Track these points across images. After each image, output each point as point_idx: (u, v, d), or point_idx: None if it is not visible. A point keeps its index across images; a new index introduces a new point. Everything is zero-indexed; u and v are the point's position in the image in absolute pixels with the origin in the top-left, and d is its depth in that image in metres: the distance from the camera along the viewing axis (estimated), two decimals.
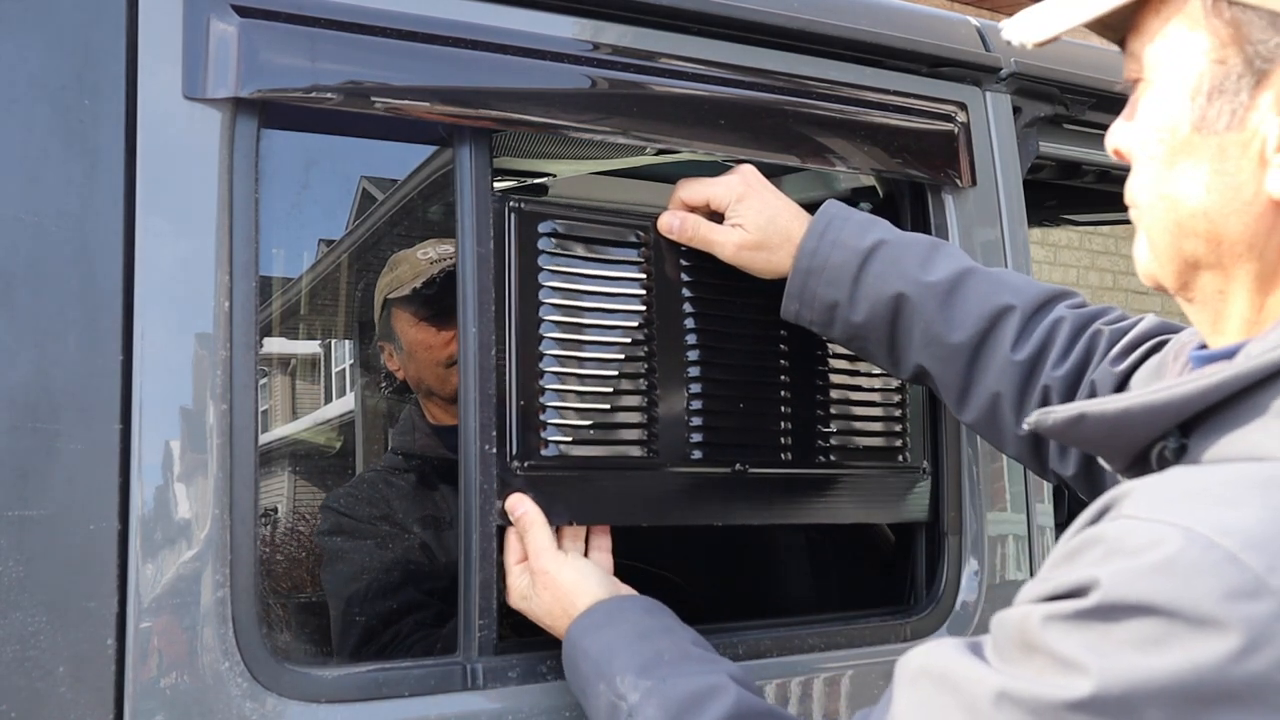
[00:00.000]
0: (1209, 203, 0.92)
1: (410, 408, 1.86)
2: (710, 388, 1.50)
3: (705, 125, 1.49)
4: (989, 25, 1.79)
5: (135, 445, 1.15)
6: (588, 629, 1.31)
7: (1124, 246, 8.74)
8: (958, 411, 1.46)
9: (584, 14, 1.43)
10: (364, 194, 1.77)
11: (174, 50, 1.20)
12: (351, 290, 1.89)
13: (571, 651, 1.31)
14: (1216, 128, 0.90)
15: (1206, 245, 0.93)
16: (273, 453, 1.79)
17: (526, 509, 1.36)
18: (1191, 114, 0.92)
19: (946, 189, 1.68)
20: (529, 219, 1.40)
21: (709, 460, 1.49)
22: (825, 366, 1.60)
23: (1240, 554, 0.74)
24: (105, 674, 1.12)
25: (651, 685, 1.22)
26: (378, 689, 1.27)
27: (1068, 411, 0.94)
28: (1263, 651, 0.73)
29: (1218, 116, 0.90)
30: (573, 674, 1.31)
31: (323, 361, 1.95)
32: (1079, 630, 0.77)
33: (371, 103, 1.29)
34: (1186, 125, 0.93)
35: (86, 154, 1.15)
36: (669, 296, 1.49)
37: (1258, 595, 0.73)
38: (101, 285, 1.15)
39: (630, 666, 1.25)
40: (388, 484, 1.81)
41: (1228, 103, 0.89)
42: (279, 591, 1.72)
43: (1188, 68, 0.92)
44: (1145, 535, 0.77)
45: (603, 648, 1.28)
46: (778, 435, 1.54)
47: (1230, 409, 0.87)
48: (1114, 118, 1.09)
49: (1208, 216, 0.92)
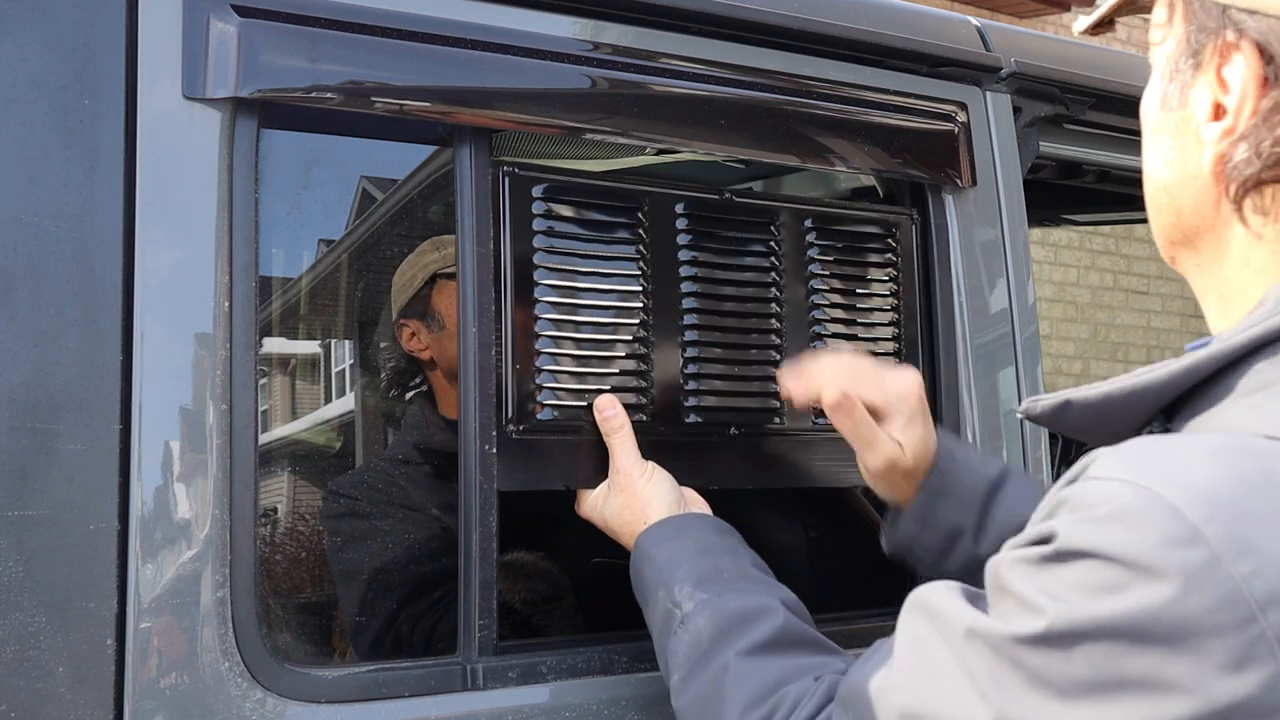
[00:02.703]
0: (1168, 177, 0.96)
1: (420, 403, 1.86)
2: (705, 351, 1.51)
3: (705, 125, 1.49)
4: (989, 25, 1.79)
5: (135, 445, 1.15)
6: (657, 539, 1.35)
7: (1124, 246, 8.74)
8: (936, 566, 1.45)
9: (584, 14, 1.43)
10: (364, 194, 1.77)
11: (174, 50, 1.20)
12: (351, 290, 1.89)
13: (639, 558, 1.35)
14: (1172, 105, 0.95)
15: (1172, 219, 0.97)
16: (273, 453, 1.79)
17: (617, 411, 1.40)
18: (1160, 92, 0.97)
19: (946, 189, 1.68)
20: (522, 183, 1.40)
21: (703, 423, 1.50)
22: (821, 330, 1.61)
23: (1181, 506, 0.79)
24: (105, 674, 1.12)
25: (707, 598, 1.26)
26: (378, 689, 1.27)
27: (1054, 399, 0.98)
28: (1193, 597, 0.77)
29: (1173, 94, 0.95)
30: (637, 580, 1.35)
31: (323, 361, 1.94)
32: (1037, 574, 0.84)
33: (371, 103, 1.29)
34: (1157, 103, 0.97)
35: (86, 154, 1.15)
36: (663, 260, 1.49)
37: (1193, 543, 0.77)
38: (101, 285, 1.15)
39: (689, 578, 1.29)
40: (398, 473, 1.81)
41: (1178, 81, 0.94)
42: (279, 591, 1.72)
43: (1163, 50, 0.97)
44: (1102, 491, 0.83)
45: (667, 557, 1.32)
46: (772, 398, 1.55)
47: (1206, 391, 0.91)
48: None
49: (1168, 191, 0.96)
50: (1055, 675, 0.82)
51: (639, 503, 1.39)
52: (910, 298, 1.67)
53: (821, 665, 1.20)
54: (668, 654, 1.27)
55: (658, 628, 1.30)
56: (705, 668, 1.22)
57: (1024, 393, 1.71)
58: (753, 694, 1.18)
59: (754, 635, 1.22)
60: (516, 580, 1.94)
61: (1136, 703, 0.79)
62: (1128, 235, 8.69)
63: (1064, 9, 8.46)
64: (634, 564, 1.36)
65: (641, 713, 1.39)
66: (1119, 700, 0.79)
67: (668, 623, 1.28)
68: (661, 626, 1.29)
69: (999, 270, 1.71)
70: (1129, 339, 8.67)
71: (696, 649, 1.24)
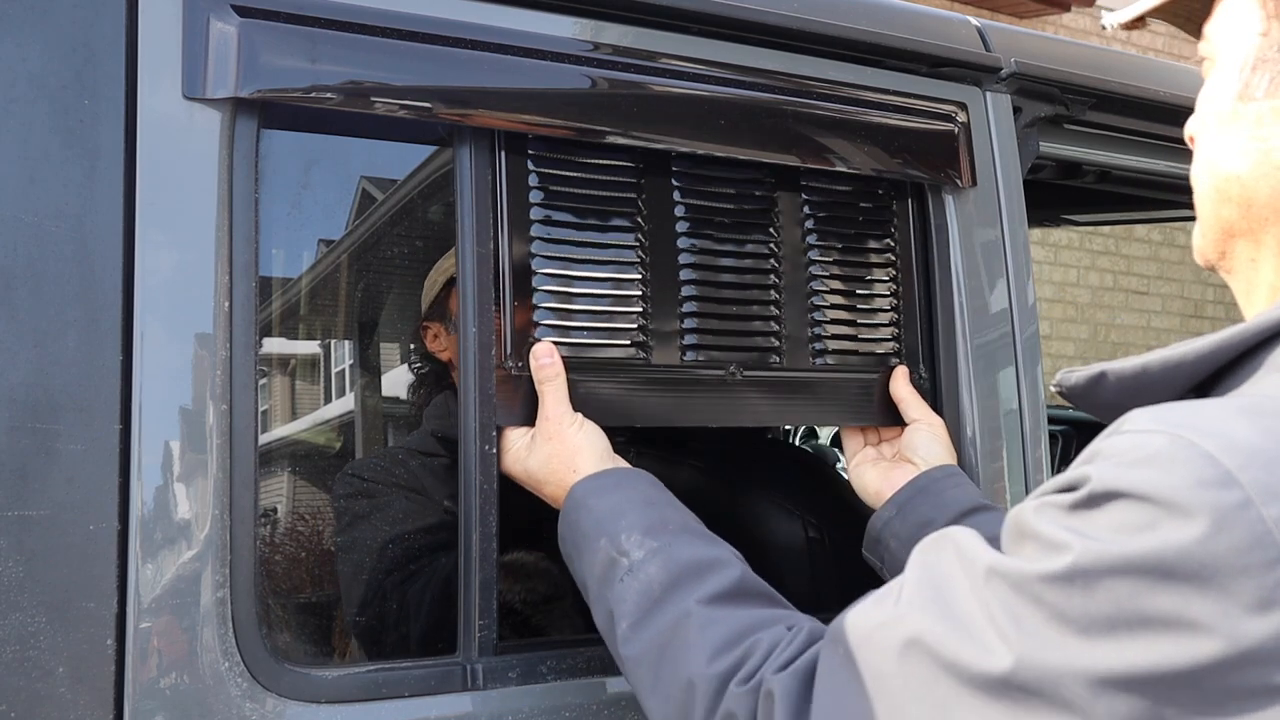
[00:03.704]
0: (1243, 166, 0.98)
1: (443, 399, 1.87)
2: (703, 290, 1.51)
3: (705, 125, 1.49)
4: (989, 25, 1.79)
5: (135, 445, 1.15)
6: (595, 489, 1.32)
7: (1124, 247, 8.74)
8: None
9: (584, 14, 1.43)
10: (364, 194, 1.77)
11: (174, 50, 1.20)
12: (352, 290, 1.89)
13: (574, 507, 1.32)
14: (1256, 95, 0.97)
15: (1239, 210, 0.98)
16: (273, 453, 1.79)
17: (554, 360, 1.38)
18: (1237, 84, 0.99)
19: (946, 189, 1.68)
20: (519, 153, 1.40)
21: (702, 362, 1.50)
22: (819, 270, 1.61)
23: (1216, 453, 0.80)
24: (105, 674, 1.12)
25: (657, 546, 1.24)
26: (378, 689, 1.27)
27: (1089, 370, 0.99)
28: (1223, 536, 0.78)
29: (1259, 84, 0.97)
30: (569, 529, 1.31)
31: (323, 361, 1.94)
32: (1066, 517, 0.85)
33: (371, 103, 1.29)
34: (1233, 95, 0.99)
35: (86, 154, 1.15)
36: (661, 199, 1.49)
37: (1226, 485, 0.79)
38: (101, 285, 1.15)
39: (636, 526, 1.26)
40: (414, 460, 1.81)
41: (1268, 70, 0.96)
42: (279, 591, 1.72)
43: (1241, 43, 0.99)
44: (1136, 440, 0.84)
45: (610, 507, 1.29)
46: (770, 337, 1.56)
47: (1241, 366, 0.92)
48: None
49: (1240, 181, 0.98)
50: (1077, 612, 0.82)
51: (568, 450, 1.35)
52: (910, 295, 1.68)
53: (789, 617, 1.18)
54: (612, 602, 1.23)
55: (596, 578, 1.26)
56: (659, 614, 1.19)
57: (1024, 393, 1.71)
58: (720, 639, 1.15)
59: (711, 584, 1.20)
60: (516, 580, 1.94)
61: (1159, 641, 0.79)
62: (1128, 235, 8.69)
63: (1064, 9, 8.47)
64: (568, 513, 1.32)
65: (641, 713, 1.39)
66: (1141, 638, 0.79)
67: (610, 571, 1.24)
68: (602, 576, 1.25)
69: (999, 270, 1.71)
70: (1129, 339, 8.68)
71: (647, 597, 1.20)
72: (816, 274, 1.61)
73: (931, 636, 0.90)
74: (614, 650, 1.23)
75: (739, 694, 1.09)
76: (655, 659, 1.17)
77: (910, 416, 1.60)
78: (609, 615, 1.23)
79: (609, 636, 1.24)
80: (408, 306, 1.87)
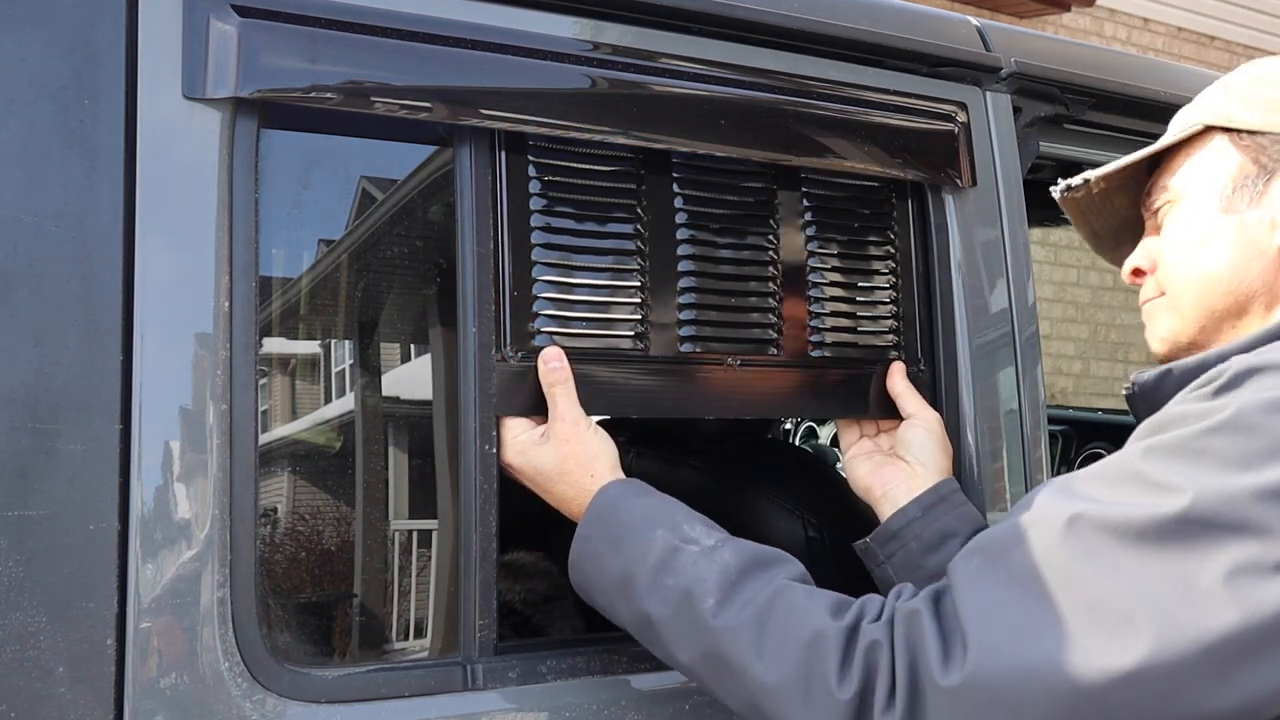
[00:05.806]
0: (1234, 261, 1.27)
1: None
2: (702, 281, 1.51)
3: (705, 125, 1.49)
4: (989, 25, 1.79)
5: (135, 445, 1.15)
6: (632, 490, 1.35)
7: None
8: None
9: (584, 14, 1.43)
10: (364, 194, 1.77)
11: (174, 50, 1.20)
12: (352, 290, 1.89)
13: (610, 504, 1.33)
14: (1239, 208, 1.27)
15: (1231, 297, 1.27)
16: (273, 453, 1.79)
17: (564, 364, 1.38)
18: (1220, 203, 1.28)
19: (946, 189, 1.68)
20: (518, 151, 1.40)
21: (700, 353, 1.50)
22: (819, 265, 1.61)
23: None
24: (105, 674, 1.12)
25: (724, 537, 1.28)
26: (378, 689, 1.27)
27: (1156, 370, 1.24)
28: None
29: (1240, 200, 1.27)
30: (604, 525, 1.32)
31: (323, 361, 1.94)
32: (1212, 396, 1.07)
33: (371, 103, 1.29)
34: (1216, 212, 1.28)
35: (86, 154, 1.15)
36: (661, 190, 1.49)
37: None
38: (101, 285, 1.15)
39: (696, 520, 1.30)
40: None
41: (1248, 191, 1.27)
42: (279, 591, 1.72)
43: (1217, 177, 1.29)
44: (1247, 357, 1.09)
45: (658, 503, 1.33)
46: (769, 329, 1.56)
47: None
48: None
49: (1233, 272, 1.27)
50: (1241, 448, 1.01)
51: (587, 454, 1.36)
52: (909, 293, 1.68)
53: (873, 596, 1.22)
54: (690, 581, 1.23)
55: (650, 566, 1.26)
56: (748, 588, 1.21)
57: (1024, 393, 1.71)
58: (831, 601, 1.19)
59: (791, 569, 1.26)
60: (516, 580, 1.94)
61: None
62: None
63: (1064, 9, 8.46)
64: (601, 509, 1.32)
65: (641, 713, 1.39)
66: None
67: (674, 557, 1.25)
68: (659, 564, 1.25)
69: (999, 270, 1.71)
70: (1129, 339, 8.67)
71: (728, 576, 1.22)
72: (815, 270, 1.61)
73: (1094, 508, 1.05)
74: (697, 626, 1.22)
75: (875, 628, 1.14)
76: (757, 626, 1.19)
77: (906, 411, 1.60)
78: (684, 595, 1.23)
79: (684, 616, 1.23)
80: (408, 306, 1.87)
